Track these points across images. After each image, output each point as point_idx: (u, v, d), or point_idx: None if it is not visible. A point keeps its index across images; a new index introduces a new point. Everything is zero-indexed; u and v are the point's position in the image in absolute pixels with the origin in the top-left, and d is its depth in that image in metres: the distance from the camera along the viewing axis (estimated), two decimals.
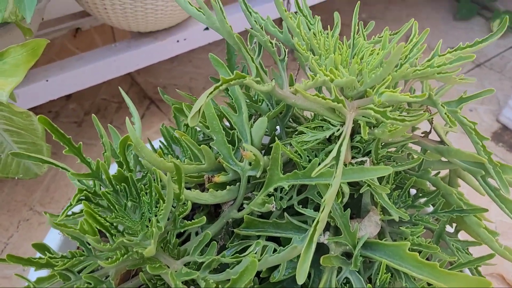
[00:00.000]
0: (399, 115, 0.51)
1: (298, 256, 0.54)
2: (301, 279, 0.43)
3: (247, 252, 0.46)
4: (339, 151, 0.42)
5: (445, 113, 0.49)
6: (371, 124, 0.52)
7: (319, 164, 0.49)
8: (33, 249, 0.77)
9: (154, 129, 1.36)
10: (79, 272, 0.50)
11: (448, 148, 0.52)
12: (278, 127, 0.64)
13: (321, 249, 0.56)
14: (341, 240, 0.51)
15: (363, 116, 0.48)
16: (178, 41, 1.15)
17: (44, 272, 0.50)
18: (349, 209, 0.51)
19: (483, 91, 0.51)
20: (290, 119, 0.66)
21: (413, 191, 0.62)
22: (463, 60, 0.47)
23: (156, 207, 0.47)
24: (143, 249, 0.41)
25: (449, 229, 0.62)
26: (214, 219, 0.60)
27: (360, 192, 0.52)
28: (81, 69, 1.03)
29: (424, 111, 0.56)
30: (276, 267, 0.55)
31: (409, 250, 0.49)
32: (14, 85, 0.59)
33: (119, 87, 0.63)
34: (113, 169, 0.52)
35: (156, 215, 0.47)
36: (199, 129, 0.66)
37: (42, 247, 0.49)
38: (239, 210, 0.56)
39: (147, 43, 1.11)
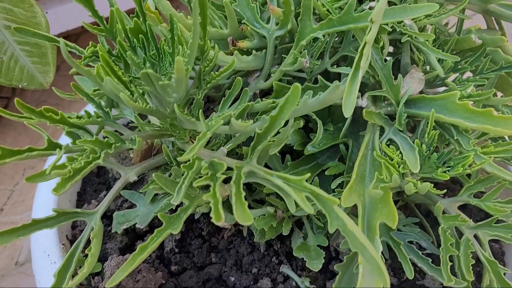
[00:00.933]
0: None
1: (334, 126, 0.49)
2: (348, 112, 0.38)
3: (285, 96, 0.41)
4: None
5: None
6: None
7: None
8: None
9: None
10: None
11: None
12: None
13: (360, 119, 0.51)
14: (383, 93, 0.46)
15: None
16: None
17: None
18: (390, 59, 0.46)
19: None
20: None
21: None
22: None
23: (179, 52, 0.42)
24: (169, 79, 0.36)
25: None
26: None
27: (402, 41, 0.47)
28: None
29: None
30: (309, 142, 0.50)
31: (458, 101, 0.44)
32: None
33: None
34: None
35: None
36: None
37: (50, 110, 0.44)
38: (266, 80, 0.51)
39: None
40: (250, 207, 0.54)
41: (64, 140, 0.64)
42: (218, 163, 0.37)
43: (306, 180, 0.49)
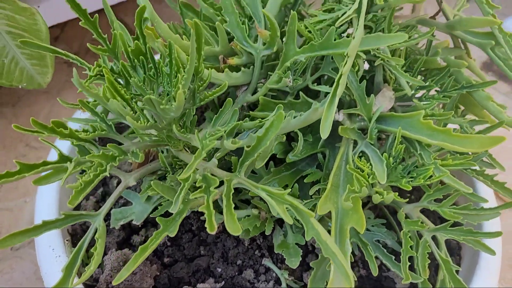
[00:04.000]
0: None
1: (314, 136, 0.55)
2: (325, 133, 0.44)
3: (270, 116, 0.47)
4: (360, 3, 0.42)
5: None
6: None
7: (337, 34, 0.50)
8: (32, 185, 0.78)
9: None
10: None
11: (459, 19, 0.53)
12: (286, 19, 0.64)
13: (336, 132, 0.57)
14: (357, 111, 0.52)
15: None
16: None
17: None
18: (365, 80, 0.52)
19: None
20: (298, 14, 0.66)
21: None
22: None
23: (176, 77, 0.47)
24: (170, 105, 0.41)
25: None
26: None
27: (375, 64, 0.52)
28: None
29: None
30: (290, 150, 0.56)
31: (422, 119, 0.50)
32: None
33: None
34: None
35: (176, 86, 0.47)
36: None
37: (60, 124, 0.48)
38: (253, 94, 0.56)
39: None
40: (236, 207, 0.60)
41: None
42: (211, 178, 0.43)
43: (287, 186, 0.55)
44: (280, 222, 0.61)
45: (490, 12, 0.51)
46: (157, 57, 0.48)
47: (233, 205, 0.41)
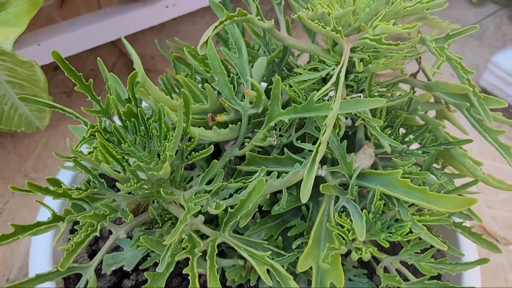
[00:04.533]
0: (389, 53, 0.55)
1: (298, 190, 0.57)
2: (304, 198, 0.46)
3: (252, 178, 0.49)
4: (338, 77, 0.45)
5: (434, 47, 0.52)
6: (364, 60, 0.55)
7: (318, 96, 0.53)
8: (30, 215, 0.79)
9: None
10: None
11: (436, 82, 0.55)
12: (275, 72, 0.67)
13: (319, 184, 0.59)
14: (338, 170, 0.55)
15: (357, 50, 0.51)
16: (167, 6, 1.16)
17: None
18: (345, 140, 0.54)
19: (469, 27, 0.55)
20: (285, 68, 0.69)
21: (402, 131, 0.66)
22: None
23: (165, 139, 0.50)
24: (158, 171, 0.44)
25: (436, 166, 0.66)
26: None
27: (356, 124, 0.55)
28: (73, 33, 1.04)
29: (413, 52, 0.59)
30: (276, 201, 0.59)
31: (400, 177, 0.53)
32: (17, 34, 0.61)
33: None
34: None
35: (164, 149, 0.49)
36: (198, 79, 0.69)
37: (55, 182, 0.51)
38: (240, 148, 0.59)
39: (136, 8, 1.12)
40: (223, 252, 0.62)
41: (62, 174, 0.71)
42: (196, 240, 0.45)
43: (272, 237, 0.58)
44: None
45: (465, 77, 0.54)
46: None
47: (216, 266, 0.44)
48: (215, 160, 0.51)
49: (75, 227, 0.47)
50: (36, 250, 0.62)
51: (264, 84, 0.66)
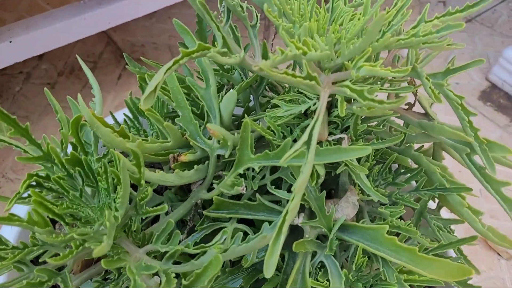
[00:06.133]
0: (380, 88, 0.47)
1: None
2: (269, 273, 0.40)
3: (212, 242, 0.43)
4: (311, 134, 0.38)
5: (430, 87, 0.45)
6: (349, 98, 0.48)
7: (294, 141, 0.46)
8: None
9: (132, 89, 1.30)
10: (37, 258, 0.47)
11: (432, 124, 0.48)
12: (252, 97, 0.59)
13: (296, 230, 0.53)
14: (316, 224, 0.48)
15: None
16: None
17: None
18: (324, 191, 0.48)
19: (471, 62, 0.47)
20: (266, 88, 0.61)
21: (394, 166, 0.58)
22: (452, 28, 0.43)
23: (115, 192, 0.43)
24: (97, 245, 0.38)
25: (432, 204, 0.60)
26: (186, 195, 0.57)
27: (337, 172, 0.48)
28: (48, 28, 0.96)
29: (408, 83, 0.51)
30: None
31: (387, 233, 0.46)
32: None
33: (77, 55, 0.57)
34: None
35: (115, 201, 0.43)
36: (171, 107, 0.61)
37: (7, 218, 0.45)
38: (209, 190, 0.52)
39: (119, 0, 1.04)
40: None
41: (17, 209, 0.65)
42: None
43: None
44: None
45: (466, 119, 0.46)
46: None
47: None
48: (170, 220, 0.44)
49: None
50: None
51: (240, 110, 0.59)
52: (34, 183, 0.45)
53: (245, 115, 0.51)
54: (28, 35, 0.95)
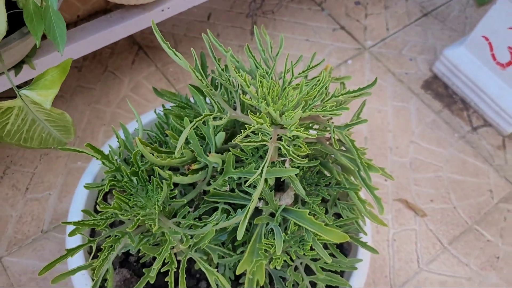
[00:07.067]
0: (306, 135, 0.82)
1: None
2: (240, 235, 0.76)
3: (210, 219, 0.79)
4: (262, 170, 0.73)
5: (333, 137, 0.80)
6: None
7: (259, 157, 0.81)
8: (54, 178, 1.07)
9: (144, 75, 1.62)
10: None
11: (336, 152, 0.83)
12: (235, 124, 0.94)
13: (258, 210, 0.89)
14: (268, 208, 0.84)
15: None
16: (162, 10, 1.37)
17: None
18: (273, 191, 0.84)
19: (364, 92, 0.81)
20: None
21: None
22: (343, 110, 0.77)
23: (157, 190, 0.79)
24: (152, 221, 0.74)
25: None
26: (194, 187, 0.93)
27: (281, 180, 0.84)
28: (85, 40, 1.27)
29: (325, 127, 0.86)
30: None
31: (309, 213, 0.83)
32: (53, 96, 0.87)
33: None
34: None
35: (157, 197, 0.79)
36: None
37: (87, 212, 0.81)
38: (208, 184, 0.88)
39: (138, 14, 1.34)
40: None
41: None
42: (173, 260, 0.76)
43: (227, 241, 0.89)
44: None
45: (356, 153, 0.81)
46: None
47: (185, 276, 0.75)
48: (187, 207, 0.80)
49: (101, 247, 0.78)
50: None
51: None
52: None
53: (234, 134, 0.85)
54: (70, 46, 1.26)
